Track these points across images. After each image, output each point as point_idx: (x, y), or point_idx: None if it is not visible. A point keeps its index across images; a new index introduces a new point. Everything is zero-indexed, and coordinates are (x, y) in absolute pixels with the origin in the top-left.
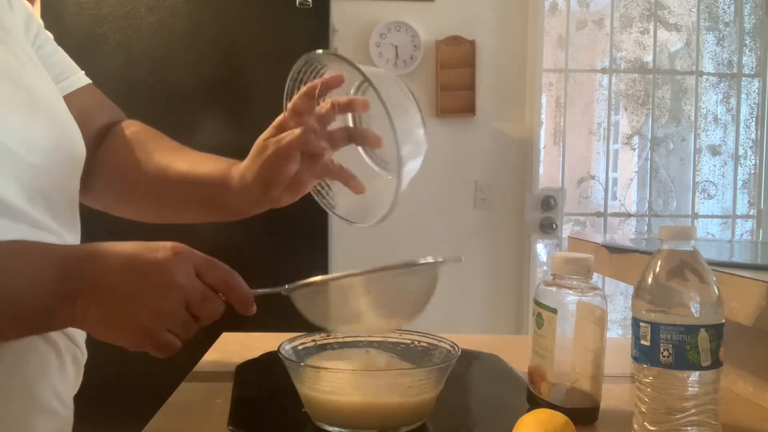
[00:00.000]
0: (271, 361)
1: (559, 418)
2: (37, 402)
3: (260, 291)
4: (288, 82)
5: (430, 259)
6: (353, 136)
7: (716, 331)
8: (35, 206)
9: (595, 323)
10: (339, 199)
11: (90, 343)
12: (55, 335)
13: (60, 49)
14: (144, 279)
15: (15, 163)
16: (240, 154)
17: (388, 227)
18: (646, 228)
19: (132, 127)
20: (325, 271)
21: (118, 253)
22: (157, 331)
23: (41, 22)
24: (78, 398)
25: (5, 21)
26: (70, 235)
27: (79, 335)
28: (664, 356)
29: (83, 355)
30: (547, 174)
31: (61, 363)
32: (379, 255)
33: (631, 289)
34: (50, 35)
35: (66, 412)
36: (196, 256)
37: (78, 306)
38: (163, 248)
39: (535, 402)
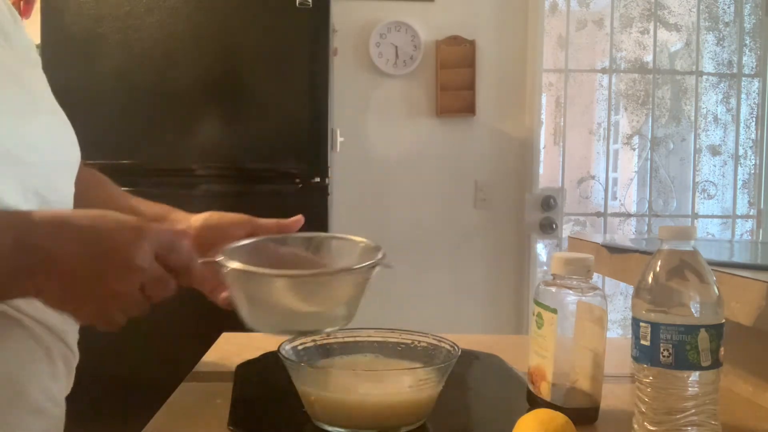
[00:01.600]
0: (271, 361)
1: (559, 418)
2: (26, 401)
3: (206, 260)
4: None
5: (362, 263)
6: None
7: (716, 331)
8: (29, 205)
9: (595, 323)
10: None
11: (90, 343)
12: (46, 336)
13: (49, 88)
14: (103, 259)
15: (13, 161)
16: (240, 153)
17: (388, 227)
18: (646, 228)
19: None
20: None
21: (79, 226)
22: (110, 310)
23: (39, 59)
24: (78, 398)
25: (7, 27)
26: None
27: (71, 337)
28: (664, 356)
29: (75, 357)
30: (547, 174)
31: (50, 362)
32: None
33: (631, 289)
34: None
35: (57, 411)
36: (159, 236)
37: (35, 280)
38: (126, 227)
39: (535, 402)
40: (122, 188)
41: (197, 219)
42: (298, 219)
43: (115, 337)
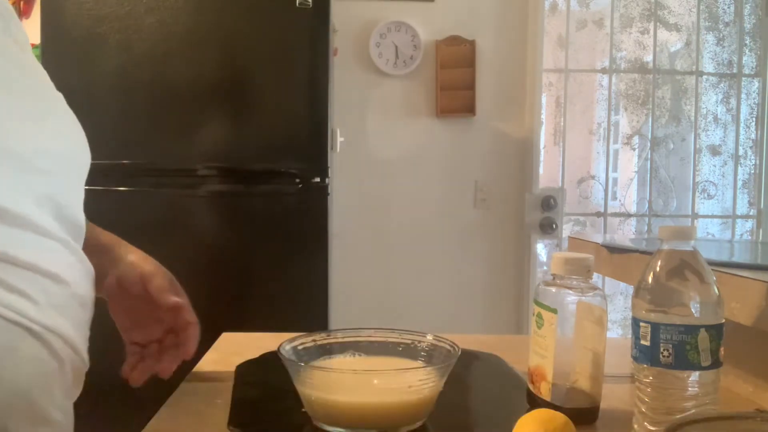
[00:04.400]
0: (271, 361)
1: (559, 418)
2: (36, 413)
3: None
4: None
5: None
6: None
7: (716, 331)
8: (42, 212)
9: (595, 323)
10: None
11: (91, 343)
12: (59, 346)
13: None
14: None
15: (26, 167)
16: (240, 153)
17: (388, 227)
18: (646, 228)
19: None
20: (324, 272)
21: None
22: None
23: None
24: (77, 399)
25: (14, 31)
26: (75, 243)
27: (83, 345)
28: (664, 356)
29: (85, 365)
30: (547, 174)
31: (62, 372)
32: (379, 255)
33: (631, 289)
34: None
35: (67, 420)
36: None
37: None
38: None
39: (535, 402)
40: (122, 188)
41: (127, 258)
42: (168, 302)
43: (116, 337)
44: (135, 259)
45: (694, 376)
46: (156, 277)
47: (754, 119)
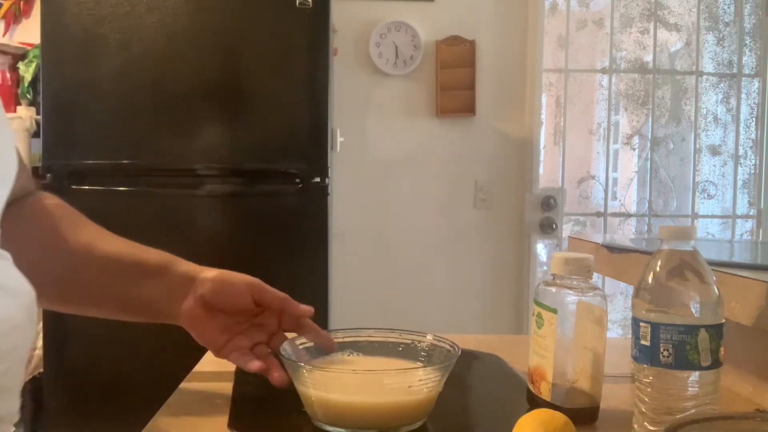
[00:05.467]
0: None
1: (559, 418)
2: None
3: None
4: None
5: None
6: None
7: (716, 331)
8: None
9: (595, 323)
10: None
11: (90, 343)
12: None
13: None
14: None
15: None
16: (240, 153)
17: (387, 227)
18: (646, 228)
19: (51, 200)
20: (324, 272)
21: None
22: None
23: None
24: (78, 399)
25: None
26: None
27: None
28: (664, 356)
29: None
30: (547, 174)
31: None
32: (379, 255)
33: (631, 289)
34: None
35: None
36: None
37: None
38: None
39: (535, 402)
40: (122, 188)
41: (208, 275)
42: (309, 310)
43: (116, 338)
44: (216, 274)
45: (694, 376)
46: (262, 285)
47: (754, 119)
